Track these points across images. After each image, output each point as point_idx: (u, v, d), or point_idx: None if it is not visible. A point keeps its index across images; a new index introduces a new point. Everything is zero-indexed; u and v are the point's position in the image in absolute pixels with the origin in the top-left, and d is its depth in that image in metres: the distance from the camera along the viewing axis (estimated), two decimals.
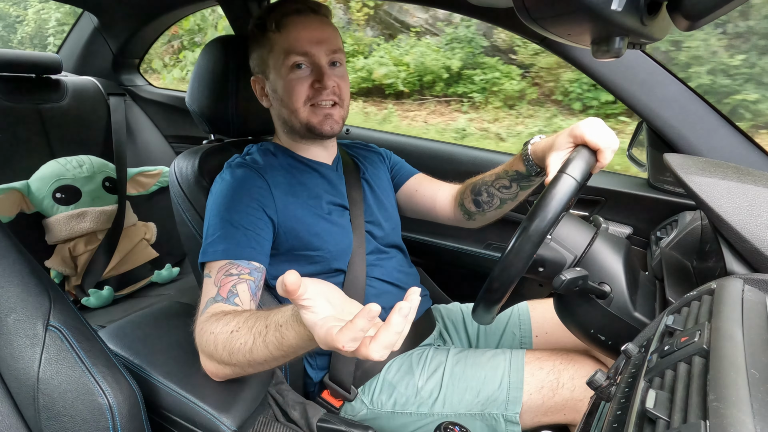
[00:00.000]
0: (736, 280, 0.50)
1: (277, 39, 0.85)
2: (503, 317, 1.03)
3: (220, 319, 0.66)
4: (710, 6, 0.43)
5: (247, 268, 0.75)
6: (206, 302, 0.71)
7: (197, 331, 0.69)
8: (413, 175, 1.09)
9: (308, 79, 0.85)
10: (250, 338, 0.60)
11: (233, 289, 0.72)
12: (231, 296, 0.72)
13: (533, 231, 0.61)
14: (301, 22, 0.85)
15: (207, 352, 0.67)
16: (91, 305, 1.38)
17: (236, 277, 0.73)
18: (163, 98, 1.78)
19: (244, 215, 0.80)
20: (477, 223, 1.01)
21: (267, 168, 0.87)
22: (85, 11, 1.66)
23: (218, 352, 0.64)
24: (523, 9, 0.47)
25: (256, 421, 0.75)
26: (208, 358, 0.68)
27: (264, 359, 0.60)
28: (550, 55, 4.03)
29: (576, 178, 0.64)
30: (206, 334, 0.66)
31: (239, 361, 0.63)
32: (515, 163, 0.89)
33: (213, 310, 0.69)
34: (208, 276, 0.75)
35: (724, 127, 0.96)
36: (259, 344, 0.59)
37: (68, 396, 0.56)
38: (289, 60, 0.84)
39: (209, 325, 0.66)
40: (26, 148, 1.44)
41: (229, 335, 0.62)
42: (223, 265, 0.75)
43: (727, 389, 0.34)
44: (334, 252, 0.87)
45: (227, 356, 0.63)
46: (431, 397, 0.84)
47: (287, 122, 0.90)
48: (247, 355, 0.61)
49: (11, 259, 0.59)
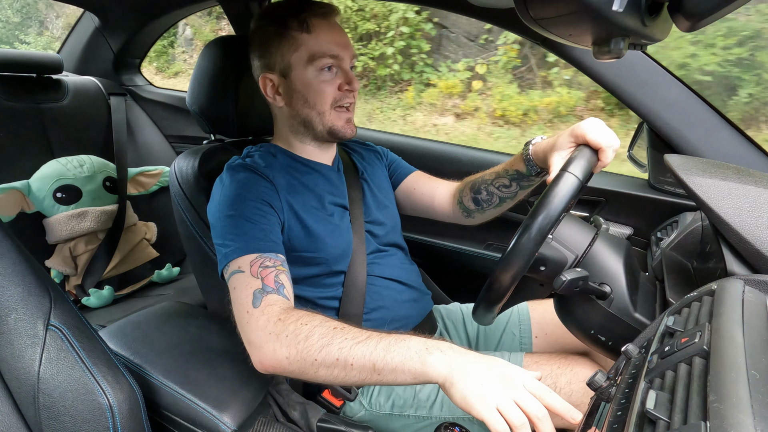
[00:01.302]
0: (736, 281, 0.50)
1: (306, 39, 0.84)
2: (503, 318, 1.03)
3: (314, 315, 0.66)
4: (712, 6, 0.43)
5: (278, 260, 0.75)
6: (254, 293, 0.69)
7: (269, 316, 0.67)
8: (411, 172, 1.09)
9: (336, 81, 0.87)
10: (362, 336, 0.62)
11: (278, 279, 0.71)
12: (279, 287, 0.70)
13: (536, 228, 0.61)
14: (329, 25, 0.86)
15: (284, 336, 0.64)
16: (91, 305, 1.38)
17: (274, 268, 0.72)
18: (163, 98, 1.78)
19: (253, 211, 0.79)
20: (476, 220, 1.02)
21: (269, 169, 0.87)
22: (86, 11, 1.67)
23: (305, 342, 0.63)
24: (524, 9, 0.47)
25: (256, 421, 0.75)
26: (279, 343, 0.65)
27: (357, 359, 0.61)
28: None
29: (578, 176, 0.64)
30: (293, 323, 0.65)
31: (326, 357, 0.62)
32: (516, 163, 0.89)
33: (273, 302, 0.68)
34: (239, 272, 0.73)
35: (724, 127, 0.96)
36: (371, 343, 0.61)
37: (68, 395, 0.56)
38: (320, 62, 0.84)
39: (297, 316, 0.66)
40: (27, 148, 1.44)
41: (332, 330, 0.63)
42: (254, 259, 0.73)
43: (727, 390, 0.34)
44: (334, 254, 0.87)
45: (317, 349, 0.62)
46: (429, 400, 0.84)
47: (307, 123, 0.89)
48: (344, 350, 0.61)
49: (12, 259, 0.59)
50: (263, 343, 0.66)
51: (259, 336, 0.66)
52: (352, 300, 0.87)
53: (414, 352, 0.59)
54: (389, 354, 0.59)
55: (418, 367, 0.58)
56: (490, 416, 0.51)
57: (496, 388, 0.53)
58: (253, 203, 0.80)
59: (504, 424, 0.51)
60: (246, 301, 0.69)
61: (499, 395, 0.53)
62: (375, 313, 0.91)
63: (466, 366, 0.56)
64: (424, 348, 0.59)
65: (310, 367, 0.63)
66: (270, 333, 0.65)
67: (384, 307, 0.92)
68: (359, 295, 0.88)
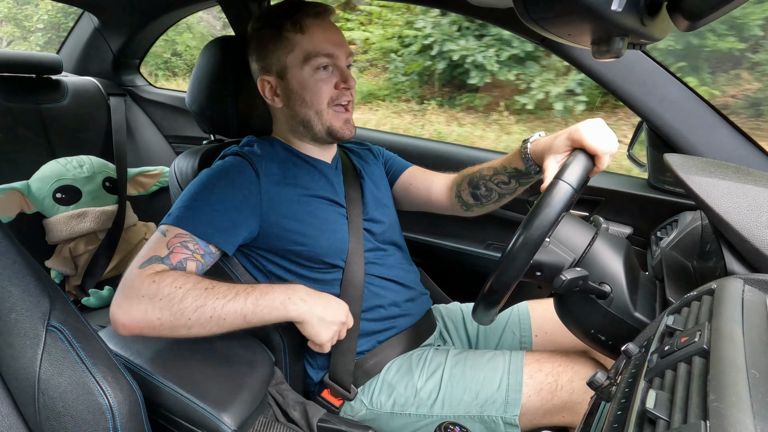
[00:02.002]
0: (736, 280, 0.50)
1: (300, 40, 0.85)
2: (503, 317, 1.03)
3: (188, 276, 0.71)
4: (710, 6, 0.43)
5: (203, 249, 0.77)
6: (151, 257, 0.72)
7: (144, 277, 0.70)
8: (407, 168, 1.09)
9: (332, 80, 0.87)
10: (231, 293, 0.71)
11: (183, 262, 0.74)
12: (179, 268, 0.74)
13: (528, 239, 0.62)
14: (322, 24, 0.87)
15: (158, 299, 0.68)
16: (91, 305, 1.38)
17: (190, 253, 0.75)
18: (163, 98, 1.78)
19: (222, 199, 0.80)
20: (474, 213, 1.03)
21: (263, 157, 0.88)
22: (86, 11, 1.66)
23: (179, 304, 0.68)
24: (523, 9, 0.47)
25: (256, 421, 0.75)
26: (152, 305, 0.68)
27: (229, 314, 0.70)
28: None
29: (572, 185, 0.64)
30: (167, 286, 0.69)
31: (200, 317, 0.69)
32: (514, 160, 0.89)
33: (158, 269, 0.71)
34: (161, 233, 0.76)
35: (724, 127, 0.96)
36: (240, 300, 0.71)
37: (68, 396, 0.56)
38: (315, 61, 0.85)
39: (171, 278, 0.70)
40: (26, 148, 1.44)
41: (204, 291, 0.70)
42: (182, 234, 0.76)
43: (727, 389, 0.34)
44: (324, 246, 0.87)
45: (191, 311, 0.69)
46: (430, 399, 0.84)
47: (306, 123, 0.90)
48: (218, 309, 0.70)
49: (11, 259, 0.59)
50: (133, 306, 0.69)
51: (130, 298, 0.69)
52: (350, 298, 0.87)
53: (279, 302, 0.73)
54: (258, 307, 0.72)
55: (282, 314, 0.73)
56: (322, 345, 0.77)
57: (328, 330, 0.77)
58: (226, 193, 0.81)
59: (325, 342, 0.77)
60: (140, 259, 0.73)
61: (329, 334, 0.77)
62: (373, 313, 0.91)
63: (312, 312, 0.75)
64: (286, 298, 0.74)
65: (183, 326, 0.70)
66: (143, 296, 0.68)
67: (382, 306, 0.92)
68: (357, 292, 0.88)
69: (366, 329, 0.90)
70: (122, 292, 0.70)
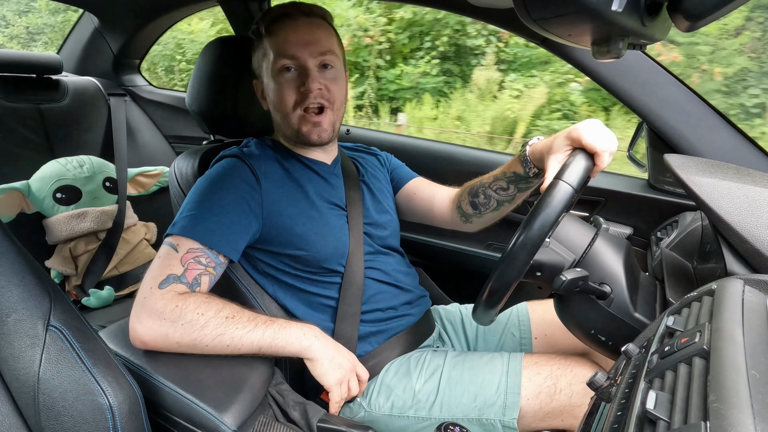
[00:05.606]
0: (736, 280, 0.50)
1: (268, 42, 0.86)
2: (503, 318, 1.03)
3: (210, 303, 0.72)
4: (711, 6, 0.43)
5: (214, 261, 0.77)
6: (168, 276, 0.72)
7: (168, 300, 0.70)
8: (412, 178, 1.09)
9: (296, 82, 0.86)
10: (251, 324, 0.73)
11: (198, 278, 0.75)
12: (194, 284, 0.74)
13: (528, 240, 0.61)
14: (290, 25, 0.85)
15: (180, 324, 0.69)
16: (91, 305, 1.38)
17: (203, 268, 0.76)
18: (163, 98, 1.78)
19: (225, 206, 0.80)
20: (474, 226, 1.01)
21: (262, 159, 0.88)
22: (86, 11, 1.67)
23: (200, 331, 0.70)
24: (524, 9, 0.47)
25: (256, 421, 0.75)
26: (173, 328, 0.69)
27: (245, 344, 0.72)
28: None
29: (572, 185, 0.63)
30: (191, 312, 0.70)
31: (217, 345, 0.71)
32: (513, 165, 0.89)
33: (178, 290, 0.72)
34: (173, 248, 0.75)
35: (724, 127, 0.96)
36: (258, 332, 0.73)
37: (68, 396, 0.56)
38: (277, 63, 0.85)
39: (195, 305, 0.71)
40: (26, 148, 1.44)
41: (225, 320, 0.71)
42: (194, 248, 0.75)
43: (727, 390, 0.34)
44: (324, 252, 0.87)
45: (210, 338, 0.70)
46: (428, 401, 0.84)
47: (281, 126, 0.92)
48: (236, 339, 0.71)
49: (11, 259, 0.59)
50: (155, 326, 0.70)
51: (152, 317, 0.70)
52: (350, 299, 0.87)
53: (294, 338, 0.75)
54: (275, 341, 0.74)
55: (296, 349, 0.75)
56: (330, 386, 0.77)
57: (338, 372, 0.77)
58: (228, 197, 0.81)
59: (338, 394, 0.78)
60: (157, 277, 0.72)
61: (338, 375, 0.77)
62: (371, 315, 0.91)
63: (325, 351, 0.77)
64: (302, 334, 0.76)
65: (199, 349, 0.71)
66: (165, 318, 0.69)
67: (380, 309, 0.92)
68: (357, 294, 0.88)
69: (364, 331, 0.90)
70: (145, 311, 0.70)
